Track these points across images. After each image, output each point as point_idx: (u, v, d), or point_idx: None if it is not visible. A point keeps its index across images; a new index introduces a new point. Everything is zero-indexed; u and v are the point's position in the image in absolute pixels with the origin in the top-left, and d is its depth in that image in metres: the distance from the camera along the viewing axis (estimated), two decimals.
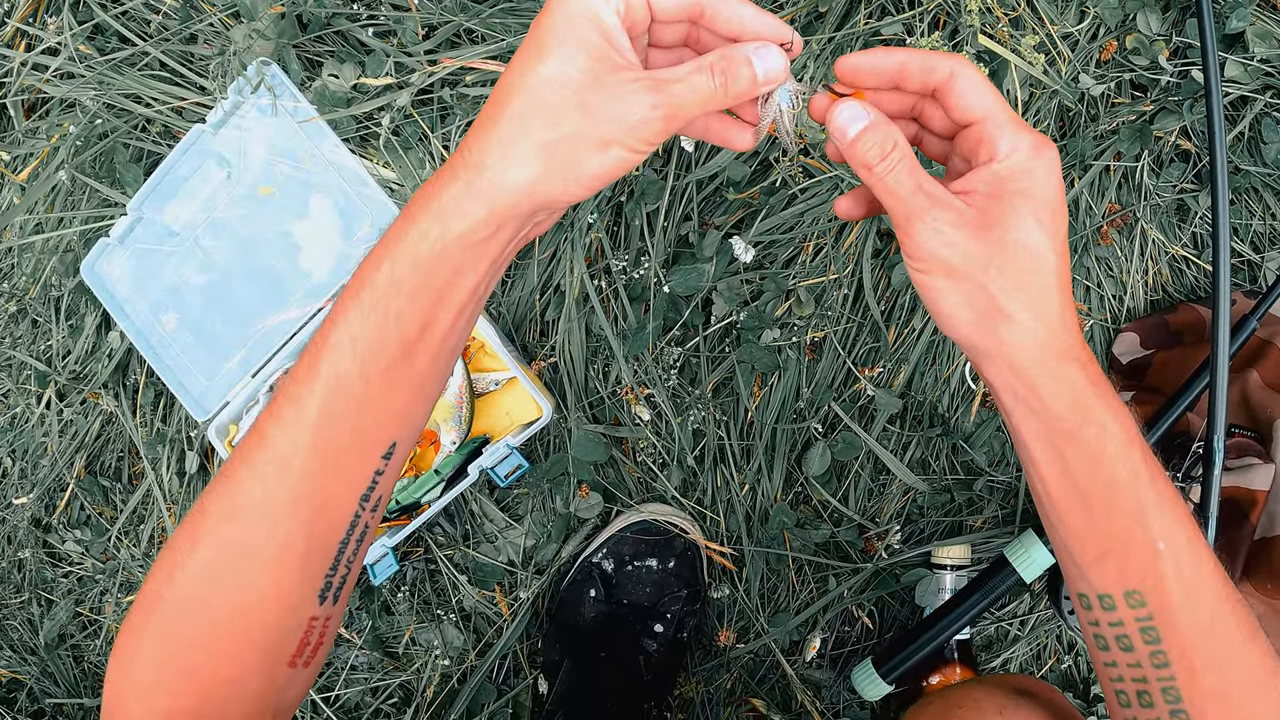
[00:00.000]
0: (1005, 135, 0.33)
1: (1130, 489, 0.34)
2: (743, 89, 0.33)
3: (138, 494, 0.81)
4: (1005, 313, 0.33)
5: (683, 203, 0.70)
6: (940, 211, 0.33)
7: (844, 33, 0.69)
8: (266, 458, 0.34)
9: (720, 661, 0.76)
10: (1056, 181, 0.33)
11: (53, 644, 0.85)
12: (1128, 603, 0.34)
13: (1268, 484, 0.67)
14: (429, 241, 0.32)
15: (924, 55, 0.34)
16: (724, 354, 0.73)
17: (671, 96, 0.32)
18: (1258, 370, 0.74)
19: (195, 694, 0.34)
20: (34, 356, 0.82)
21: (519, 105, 0.32)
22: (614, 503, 0.75)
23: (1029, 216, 0.33)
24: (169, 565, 0.35)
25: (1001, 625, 0.76)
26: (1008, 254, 0.33)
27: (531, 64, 0.32)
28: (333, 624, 0.37)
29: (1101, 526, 0.34)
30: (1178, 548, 0.34)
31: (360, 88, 0.70)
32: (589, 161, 0.32)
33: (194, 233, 0.74)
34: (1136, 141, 0.74)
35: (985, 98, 0.34)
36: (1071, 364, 0.33)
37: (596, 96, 0.31)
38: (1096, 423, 0.33)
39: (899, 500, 0.74)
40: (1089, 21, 0.73)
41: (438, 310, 0.34)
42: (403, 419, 0.35)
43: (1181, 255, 0.78)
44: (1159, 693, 0.35)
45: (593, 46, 0.32)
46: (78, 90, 0.74)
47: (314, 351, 0.34)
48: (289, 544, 0.34)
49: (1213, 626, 0.34)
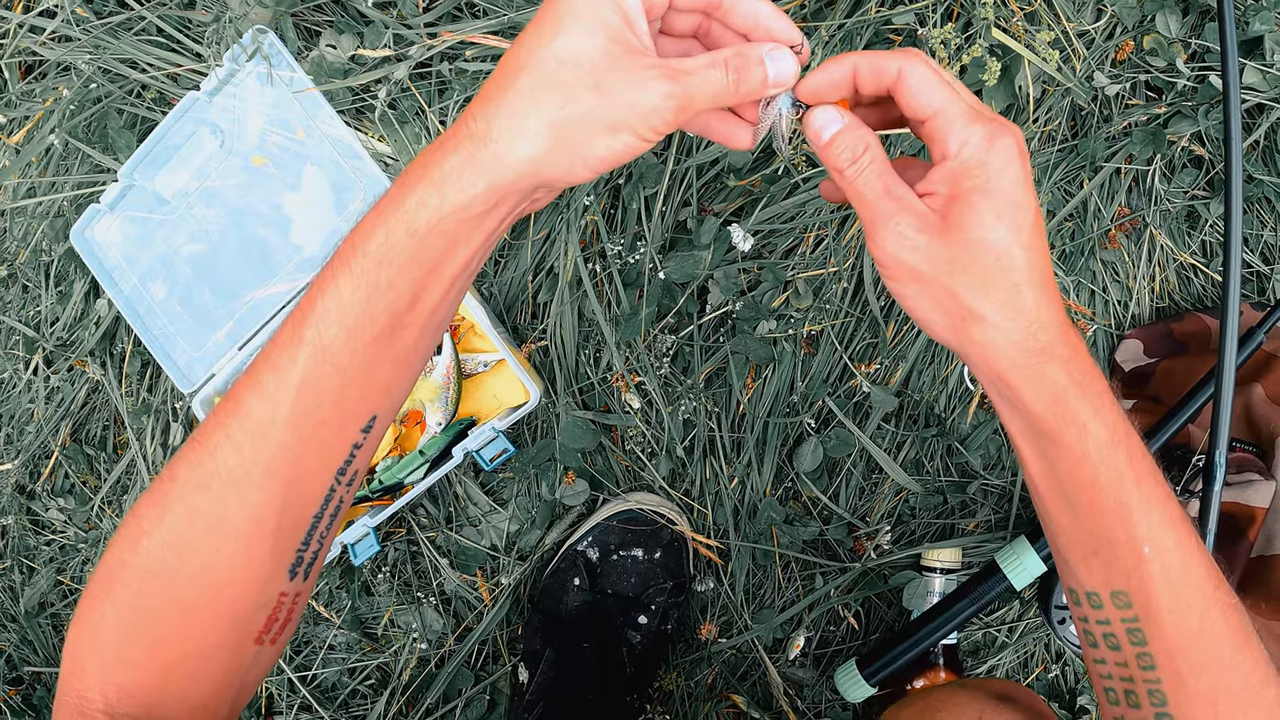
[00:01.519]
0: (955, 130, 0.32)
1: (1113, 492, 0.33)
2: (753, 88, 0.33)
3: (121, 464, 0.80)
4: (976, 314, 0.32)
5: (682, 187, 0.69)
6: (904, 216, 0.33)
7: (854, 20, 0.67)
8: (243, 426, 0.33)
9: (701, 655, 0.75)
10: (1015, 173, 0.32)
11: (33, 612, 0.85)
12: (1114, 603, 0.34)
13: (1267, 501, 0.65)
14: (427, 211, 0.32)
15: (871, 57, 0.34)
16: (718, 344, 0.72)
17: (686, 87, 0.32)
18: (1262, 384, 0.72)
19: (158, 668, 0.33)
20: (22, 322, 0.81)
21: (531, 79, 0.31)
22: (600, 491, 0.74)
23: (988, 213, 0.32)
24: (134, 533, 0.34)
25: (989, 631, 0.75)
26: (971, 254, 0.32)
27: (547, 38, 0.31)
28: (301, 600, 0.36)
29: (1086, 527, 0.34)
30: (1165, 551, 0.33)
31: (358, 59, 0.68)
32: (597, 144, 0.31)
33: (185, 201, 0.72)
34: (1149, 145, 0.73)
35: (935, 93, 0.33)
36: (1051, 362, 0.33)
37: (611, 78, 0.31)
38: (1077, 424, 0.33)
39: (891, 500, 0.73)
40: (1106, 20, 0.71)
41: (430, 282, 0.33)
42: (385, 392, 0.34)
43: (1190, 263, 0.76)
44: (1145, 694, 0.34)
45: (612, 27, 0.31)
46: (73, 53, 0.73)
47: (299, 318, 0.33)
48: (261, 516, 0.33)
49: (1201, 632, 0.33)
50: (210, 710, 0.34)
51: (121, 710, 0.33)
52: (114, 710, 0.33)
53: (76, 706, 0.33)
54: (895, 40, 0.69)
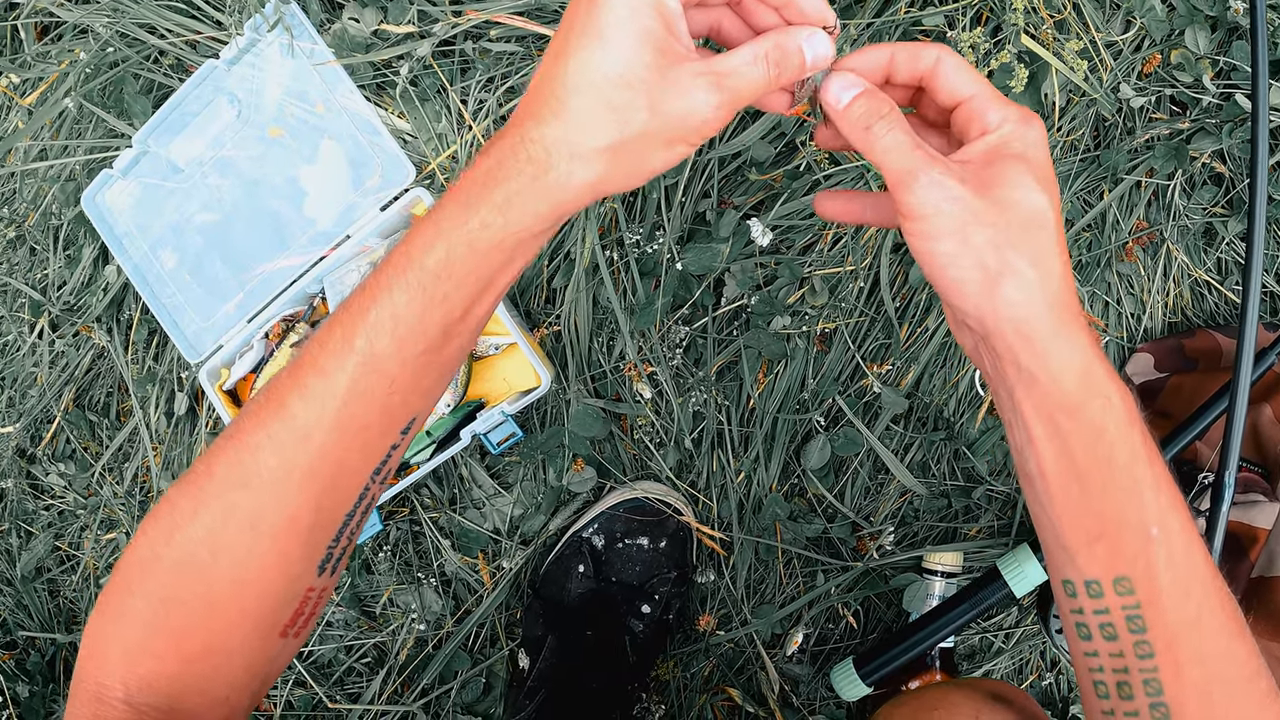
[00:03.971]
0: (994, 108, 0.34)
1: (1128, 469, 0.33)
2: (793, 75, 0.34)
3: (124, 431, 0.80)
4: (1014, 268, 0.32)
5: (703, 179, 0.68)
6: (941, 166, 0.33)
7: (883, 20, 0.67)
8: (286, 427, 0.33)
9: (700, 647, 0.75)
10: (1047, 150, 0.34)
11: (29, 576, 0.85)
12: (1116, 589, 0.33)
13: (1270, 522, 0.66)
14: (490, 231, 0.32)
15: (909, 46, 0.35)
16: (731, 337, 0.71)
17: (731, 93, 0.32)
18: (1271, 404, 0.72)
19: (180, 660, 0.33)
20: (29, 285, 0.81)
21: (585, 103, 0.31)
22: (607, 479, 0.73)
23: (1028, 175, 0.33)
24: (168, 526, 0.34)
25: (986, 636, 0.75)
26: (1011, 211, 0.32)
27: (594, 57, 0.31)
28: (326, 594, 0.37)
29: (1096, 508, 0.33)
30: (1170, 534, 0.33)
31: (380, 34, 0.68)
32: (654, 159, 0.32)
33: (200, 170, 0.72)
34: (1171, 160, 0.73)
35: (970, 78, 0.35)
36: (1079, 328, 0.33)
37: (662, 95, 0.31)
38: (1102, 395, 0.33)
39: (895, 501, 0.73)
40: (1135, 32, 0.71)
41: (483, 295, 0.34)
42: (426, 396, 0.35)
43: (1205, 280, 0.76)
44: (1140, 684, 0.33)
45: (656, 38, 0.31)
46: (91, 16, 0.72)
47: (349, 325, 0.33)
48: (297, 515, 0.33)
49: (1200, 620, 0.33)
50: (231, 703, 0.34)
51: (141, 700, 0.32)
52: (133, 700, 0.32)
53: (95, 693, 0.33)
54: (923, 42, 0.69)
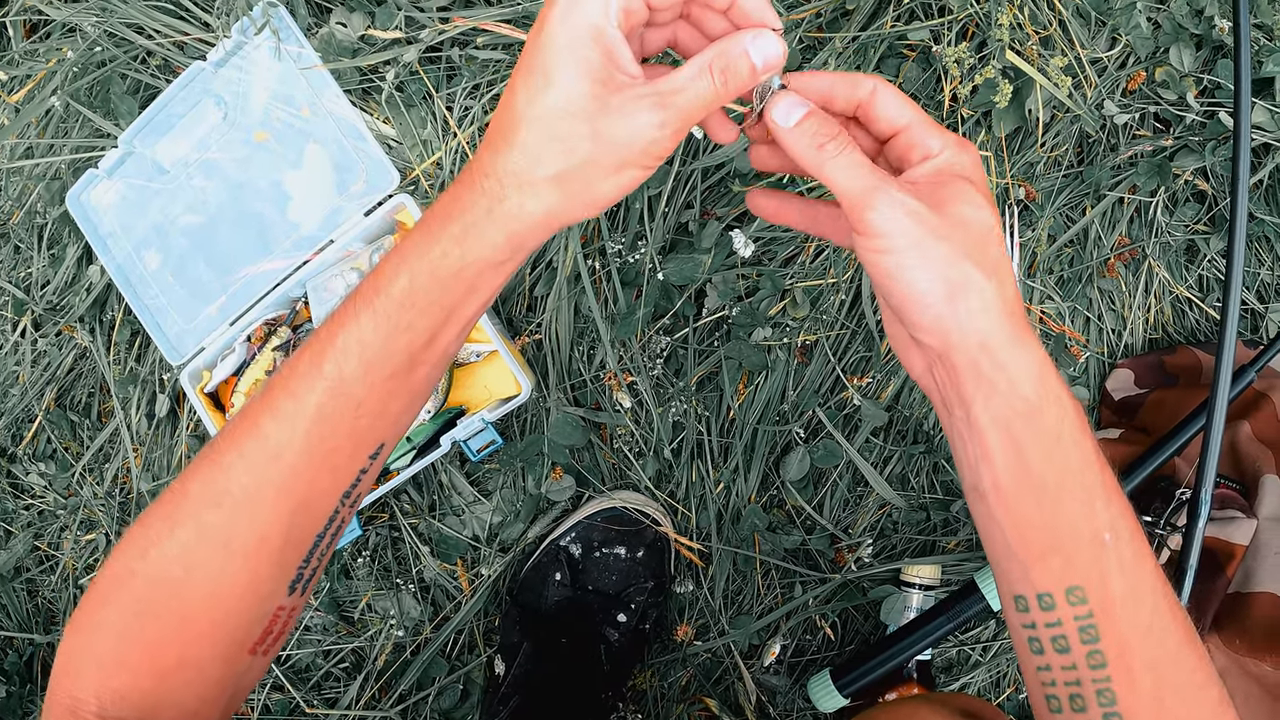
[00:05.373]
0: (934, 134, 0.35)
1: (1080, 476, 0.33)
2: (743, 83, 0.34)
3: (105, 432, 0.80)
4: (975, 280, 0.33)
5: (686, 190, 0.69)
6: (898, 183, 0.34)
7: (869, 33, 0.67)
8: (259, 447, 0.34)
9: (677, 657, 0.75)
10: (983, 177, 0.36)
11: (8, 576, 0.84)
12: (1069, 600, 0.34)
13: (1247, 539, 0.66)
14: (449, 260, 0.33)
15: (847, 75, 0.36)
16: (712, 348, 0.72)
17: (677, 111, 0.32)
18: (1250, 422, 0.73)
19: (154, 674, 0.34)
20: (13, 283, 0.80)
21: (530, 137, 0.32)
22: (586, 488, 0.74)
23: (976, 197, 0.34)
24: (143, 542, 0.34)
25: (964, 649, 0.75)
26: (965, 228, 0.33)
27: (537, 93, 0.32)
28: (295, 614, 0.37)
29: (1050, 518, 0.34)
30: (1122, 541, 0.33)
31: (367, 39, 0.68)
32: (604, 186, 0.33)
33: (185, 172, 0.72)
34: (1154, 177, 0.73)
35: (907, 107, 0.36)
36: (1030, 336, 0.34)
37: (605, 122, 0.32)
38: (1058, 402, 0.33)
39: (874, 514, 0.73)
40: (1120, 49, 0.72)
41: (448, 324, 0.34)
42: (394, 422, 0.36)
43: (1186, 296, 0.77)
44: (1093, 695, 0.34)
45: (596, 68, 0.32)
46: (79, 15, 0.72)
47: (319, 350, 0.34)
48: (269, 534, 0.34)
49: (1151, 626, 0.34)
50: (201, 717, 0.35)
51: (114, 714, 0.33)
52: (106, 713, 0.33)
53: (69, 707, 0.33)
54: (909, 56, 0.69)
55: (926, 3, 0.68)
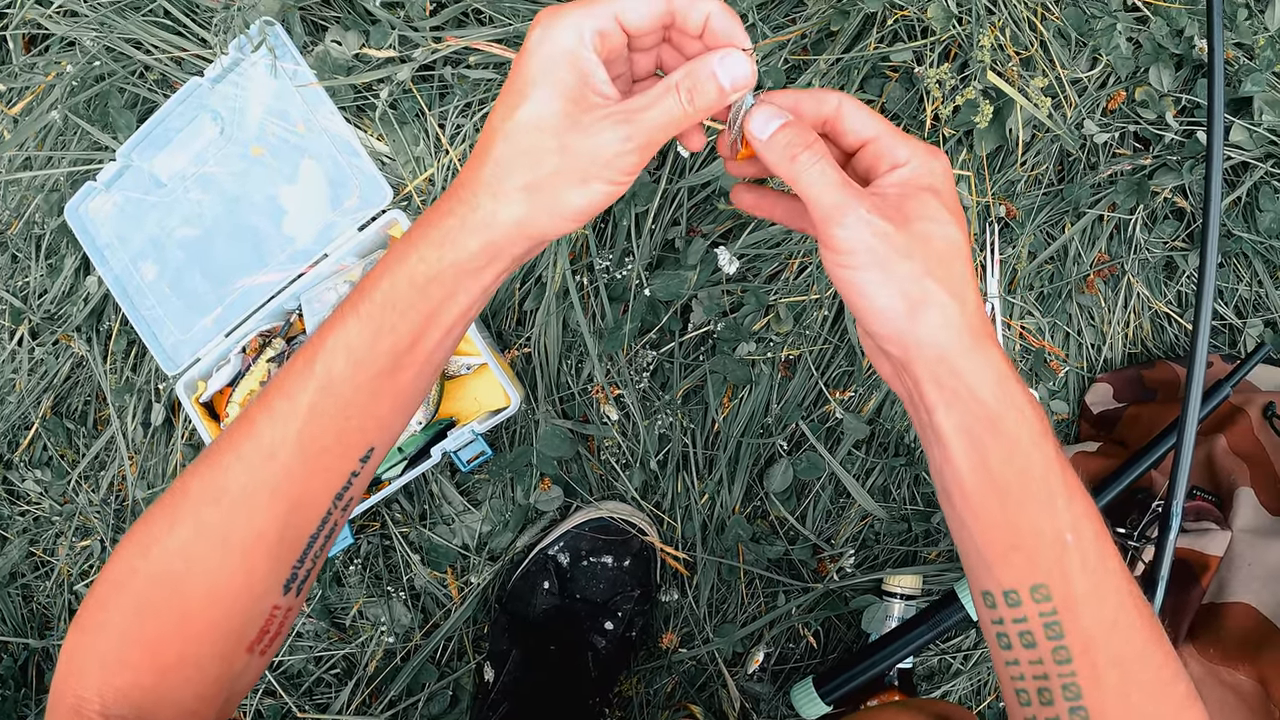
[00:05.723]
0: (901, 145, 0.36)
1: (1042, 479, 0.34)
2: (711, 101, 0.35)
3: (101, 440, 0.81)
4: (934, 297, 0.34)
5: (673, 207, 0.70)
6: (866, 201, 0.34)
7: (853, 55, 0.68)
8: (254, 446, 0.35)
9: (662, 664, 0.76)
10: (953, 181, 0.36)
11: (3, 581, 0.85)
12: (1033, 597, 0.35)
13: (1222, 550, 0.67)
14: (426, 265, 0.35)
15: (814, 91, 0.37)
16: (697, 362, 0.73)
17: (642, 127, 0.34)
18: (1226, 435, 0.74)
19: (155, 671, 0.35)
20: (10, 292, 0.81)
21: (503, 149, 0.34)
22: (574, 498, 0.75)
23: (941, 209, 0.35)
24: (144, 541, 0.35)
25: (945, 658, 0.77)
26: (929, 244, 0.34)
27: (512, 109, 0.34)
28: (291, 614, 0.38)
29: (1012, 519, 0.35)
30: (1084, 540, 0.34)
31: (362, 57, 0.69)
32: (571, 197, 0.34)
33: (182, 185, 0.73)
34: (1133, 195, 0.74)
35: (873, 119, 0.36)
36: (991, 346, 0.35)
37: (572, 137, 0.33)
38: (1017, 408, 0.34)
39: (856, 524, 0.75)
40: (1100, 69, 0.73)
41: (428, 328, 0.35)
42: (383, 426, 0.37)
43: (1164, 312, 0.78)
44: (1059, 690, 0.35)
45: (568, 88, 0.33)
46: (79, 30, 0.74)
47: (310, 352, 0.36)
48: (264, 532, 0.35)
49: (1116, 623, 0.34)
50: (200, 715, 0.35)
51: (116, 712, 0.34)
52: (110, 711, 0.34)
53: (73, 706, 0.34)
54: (892, 77, 0.71)
55: (910, 24, 0.69)
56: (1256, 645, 0.61)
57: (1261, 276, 0.77)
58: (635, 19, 0.34)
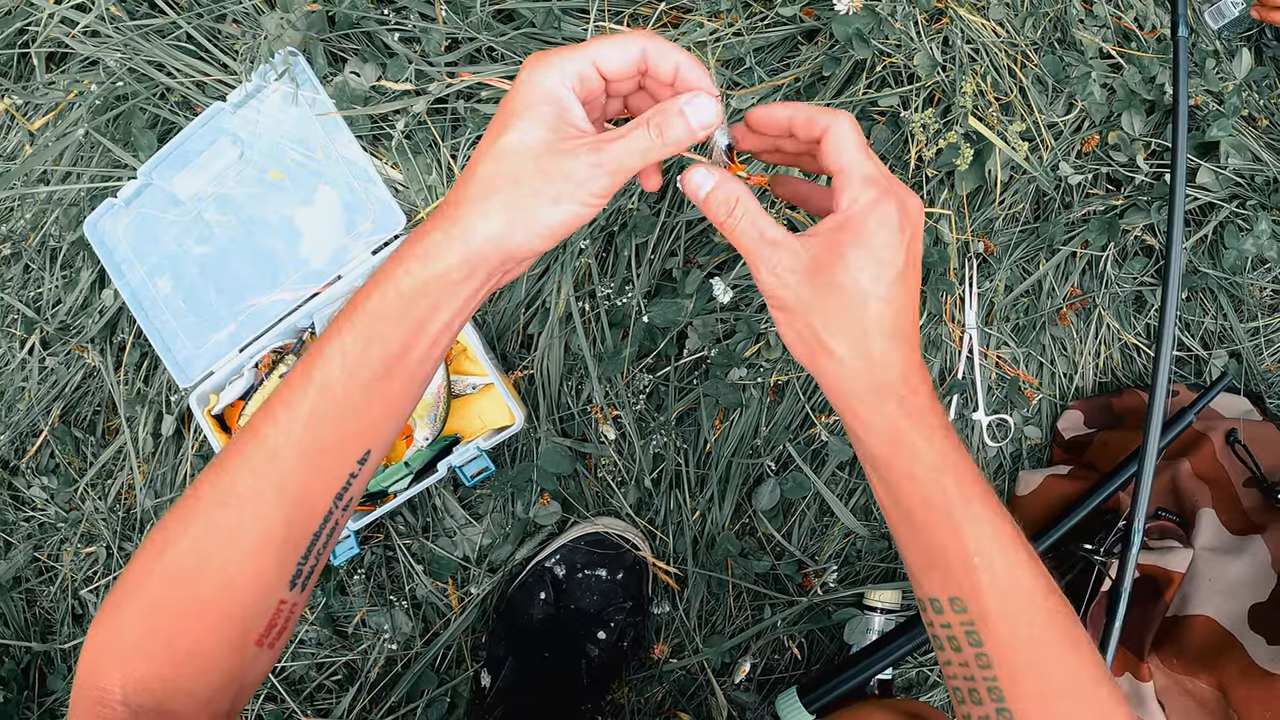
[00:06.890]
0: (850, 188, 0.38)
1: (942, 510, 0.38)
2: (679, 137, 0.38)
3: (110, 449, 0.83)
4: (827, 348, 0.38)
5: (671, 239, 0.73)
6: (778, 255, 0.38)
7: (843, 99, 0.72)
8: (259, 450, 0.38)
9: (653, 673, 0.79)
10: (888, 236, 0.37)
11: (7, 586, 0.87)
12: (952, 607, 0.39)
13: (1184, 567, 0.70)
14: (411, 277, 0.37)
15: (809, 110, 0.39)
16: (691, 386, 0.76)
17: (611, 155, 0.37)
18: (1190, 460, 0.78)
19: (171, 662, 0.37)
20: (23, 302, 0.83)
21: (487, 170, 0.37)
22: (571, 513, 0.78)
23: (854, 264, 0.37)
24: (160, 543, 0.38)
25: (923, 670, 0.80)
26: (833, 297, 0.37)
27: (497, 136, 0.37)
28: (297, 610, 0.41)
29: (923, 542, 0.39)
30: (992, 562, 0.38)
31: (380, 89, 0.72)
32: (544, 215, 0.37)
33: (200, 205, 0.76)
34: (1105, 233, 0.78)
35: (847, 153, 0.38)
36: (889, 400, 0.38)
37: (549, 161, 0.37)
38: (908, 450, 0.38)
39: (839, 542, 0.78)
40: (1075, 114, 0.77)
41: (417, 337, 0.38)
42: (377, 430, 0.40)
43: (1133, 343, 0.82)
44: (985, 691, 0.38)
45: (549, 119, 0.37)
46: (103, 50, 0.76)
47: (309, 361, 0.38)
48: (270, 530, 0.38)
49: (1031, 635, 0.38)
50: (213, 705, 0.38)
51: (136, 701, 0.36)
52: (130, 700, 0.36)
53: (96, 698, 0.36)
54: (879, 120, 0.75)
55: (897, 71, 0.73)
56: (1216, 655, 0.64)
57: (1226, 310, 0.82)
58: (611, 65, 0.38)
